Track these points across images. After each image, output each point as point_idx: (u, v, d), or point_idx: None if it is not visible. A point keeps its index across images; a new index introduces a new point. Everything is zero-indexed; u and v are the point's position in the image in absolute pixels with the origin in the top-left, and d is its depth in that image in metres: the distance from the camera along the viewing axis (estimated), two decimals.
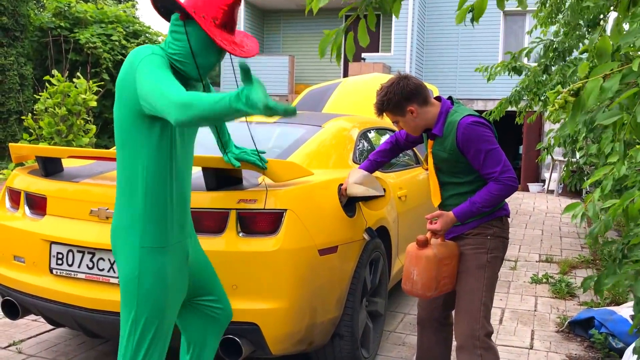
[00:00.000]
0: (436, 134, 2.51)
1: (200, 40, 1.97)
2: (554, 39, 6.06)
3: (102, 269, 2.65)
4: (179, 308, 2.14)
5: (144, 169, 1.95)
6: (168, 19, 2.06)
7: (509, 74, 6.99)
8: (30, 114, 7.35)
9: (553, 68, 6.57)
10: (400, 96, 2.47)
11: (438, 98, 2.59)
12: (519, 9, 6.75)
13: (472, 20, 2.12)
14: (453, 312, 2.79)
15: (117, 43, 11.82)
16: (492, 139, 2.44)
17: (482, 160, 2.42)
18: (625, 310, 3.72)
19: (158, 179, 1.97)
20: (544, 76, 6.63)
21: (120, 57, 11.69)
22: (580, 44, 6.04)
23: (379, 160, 2.95)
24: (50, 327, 3.79)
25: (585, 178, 8.92)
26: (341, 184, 2.98)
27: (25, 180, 3.00)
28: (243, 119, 3.51)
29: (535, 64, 6.70)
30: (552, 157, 5.26)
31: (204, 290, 2.30)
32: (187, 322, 2.33)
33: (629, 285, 2.27)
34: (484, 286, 2.51)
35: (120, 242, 2.00)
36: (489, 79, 7.12)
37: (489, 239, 2.54)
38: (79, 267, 2.70)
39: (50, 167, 2.97)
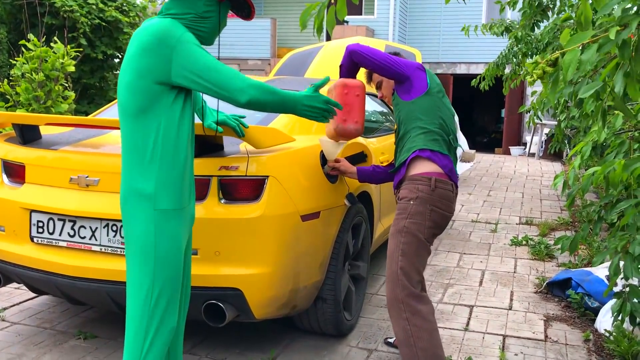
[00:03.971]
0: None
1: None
2: None
3: (84, 237, 2.65)
4: None
5: (162, 135, 2.02)
6: None
7: (501, 35, 6.99)
8: (6, 80, 7.19)
9: (541, 25, 6.52)
10: None
11: (421, 67, 2.74)
12: None
13: None
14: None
15: (94, 7, 11.48)
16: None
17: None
18: (601, 271, 3.81)
19: (174, 144, 2.05)
20: (532, 36, 6.59)
21: (97, 21, 11.38)
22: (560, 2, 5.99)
23: (378, 170, 3.04)
24: (33, 294, 3.79)
25: (566, 141, 8.98)
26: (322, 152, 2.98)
27: (2, 148, 2.95)
28: None
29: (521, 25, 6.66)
30: (535, 120, 5.28)
31: None
32: None
33: (616, 262, 2.32)
34: (400, 251, 2.57)
35: (132, 208, 2.03)
36: (483, 33, 7.16)
37: (411, 203, 2.61)
38: (60, 235, 2.69)
39: (28, 135, 2.93)
